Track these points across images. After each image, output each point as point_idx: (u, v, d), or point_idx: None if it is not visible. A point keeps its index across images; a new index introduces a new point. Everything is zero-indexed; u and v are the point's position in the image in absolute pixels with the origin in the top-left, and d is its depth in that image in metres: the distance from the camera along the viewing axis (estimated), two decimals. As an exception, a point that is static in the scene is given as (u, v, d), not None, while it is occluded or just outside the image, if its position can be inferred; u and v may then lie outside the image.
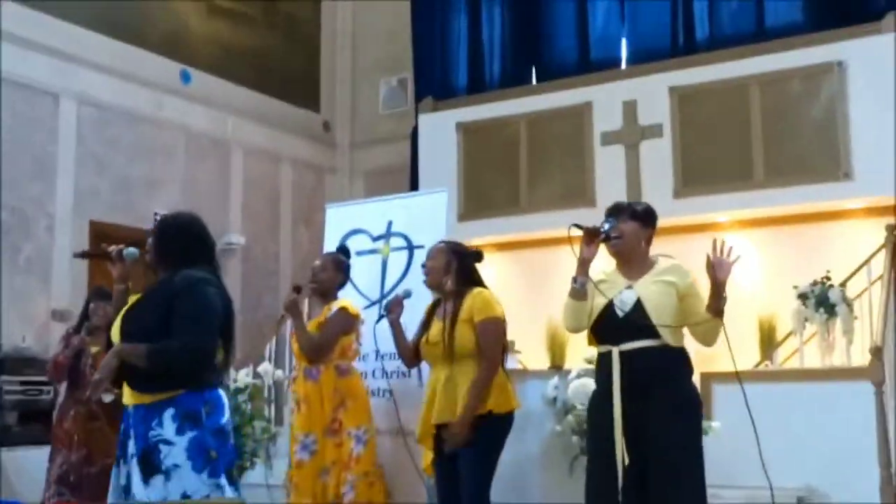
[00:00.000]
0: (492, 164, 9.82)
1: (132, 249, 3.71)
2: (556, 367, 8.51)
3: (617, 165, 9.10)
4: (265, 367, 6.25)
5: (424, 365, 4.71)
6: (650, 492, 3.50)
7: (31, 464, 6.62)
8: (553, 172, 9.50)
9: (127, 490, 3.29)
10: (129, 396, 3.36)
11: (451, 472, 4.20)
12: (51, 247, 8.25)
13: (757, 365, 7.90)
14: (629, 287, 3.65)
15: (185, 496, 3.21)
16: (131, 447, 3.30)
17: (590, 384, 4.95)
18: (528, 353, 8.02)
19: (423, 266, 4.45)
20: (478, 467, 4.13)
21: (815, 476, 6.52)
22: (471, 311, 4.24)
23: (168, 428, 3.25)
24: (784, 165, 8.36)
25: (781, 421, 6.66)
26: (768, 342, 8.17)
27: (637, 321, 3.56)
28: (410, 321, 4.63)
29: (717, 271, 3.53)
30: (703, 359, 3.81)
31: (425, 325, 4.42)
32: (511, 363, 5.77)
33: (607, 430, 3.53)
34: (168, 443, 3.24)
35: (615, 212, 3.77)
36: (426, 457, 4.38)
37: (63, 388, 5.58)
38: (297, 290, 4.84)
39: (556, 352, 9.04)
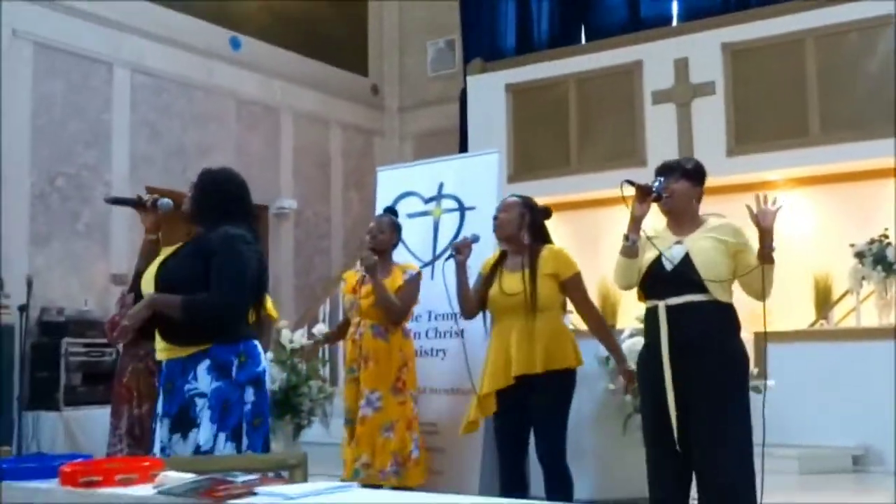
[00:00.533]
0: (541, 125, 9.78)
1: (166, 200, 3.73)
2: (609, 326, 8.52)
3: (668, 124, 9.01)
4: (319, 327, 6.32)
5: (471, 323, 4.72)
6: (695, 448, 3.52)
7: (94, 422, 6.83)
8: (603, 132, 9.44)
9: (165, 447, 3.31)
10: (163, 351, 3.36)
11: (518, 427, 4.21)
12: (108, 213, 8.41)
13: (812, 324, 7.84)
14: (679, 242, 3.64)
15: (196, 448, 3.22)
16: (165, 403, 3.32)
17: (642, 343, 4.96)
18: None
19: (495, 218, 4.39)
20: (558, 421, 4.17)
21: (870, 436, 6.48)
22: (554, 266, 4.24)
23: (203, 381, 3.26)
24: (839, 122, 8.21)
25: (837, 381, 6.63)
26: (824, 301, 8.10)
27: (685, 275, 3.55)
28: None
29: (762, 219, 3.50)
30: (757, 317, 3.78)
31: (489, 277, 4.39)
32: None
33: (658, 385, 3.54)
34: (203, 395, 3.26)
35: (665, 170, 3.73)
36: (477, 411, 4.33)
37: (121, 347, 5.74)
38: (375, 251, 4.82)
39: (608, 311, 9.04)
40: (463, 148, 9.99)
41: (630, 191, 3.59)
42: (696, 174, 3.74)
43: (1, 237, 7.65)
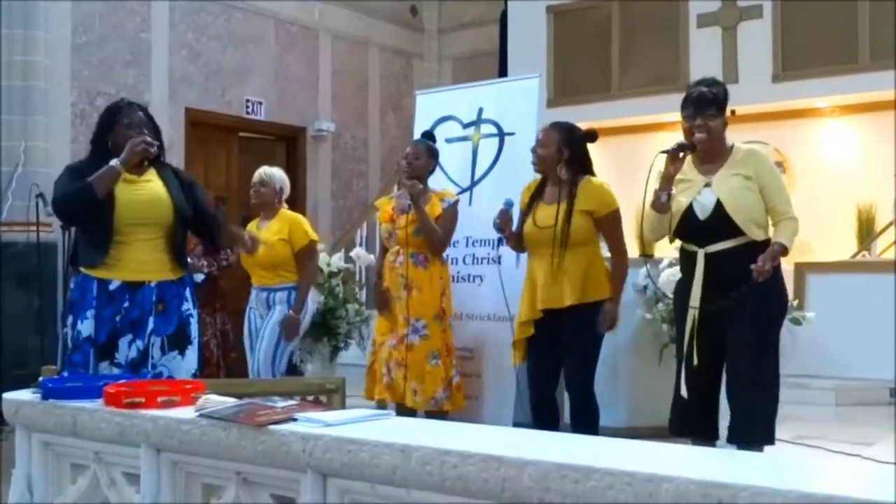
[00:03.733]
0: (582, 49, 9.60)
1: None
2: (647, 255, 8.47)
3: (713, 48, 8.79)
4: (357, 251, 6.35)
5: (508, 250, 4.71)
6: (732, 382, 3.55)
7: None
8: (645, 56, 9.24)
9: (141, 363, 3.41)
10: (156, 272, 3.46)
11: (548, 360, 4.20)
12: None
13: (854, 255, 7.72)
14: (707, 185, 3.57)
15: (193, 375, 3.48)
16: (158, 323, 3.44)
17: (679, 274, 4.93)
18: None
19: (533, 152, 4.28)
20: (588, 353, 4.16)
21: (910, 369, 6.42)
22: (591, 203, 4.15)
23: (190, 302, 3.55)
24: (889, 48, 7.95)
25: (877, 313, 6.56)
26: (866, 232, 7.97)
27: (719, 223, 3.52)
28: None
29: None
30: (798, 248, 3.74)
31: (527, 209, 4.34)
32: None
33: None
34: (192, 317, 3.56)
35: (702, 105, 3.61)
36: (518, 346, 4.35)
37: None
38: (419, 178, 4.78)
39: (649, 239, 8.98)
40: (502, 71, 9.84)
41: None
42: (726, 104, 3.65)
43: (45, 156, 7.71)
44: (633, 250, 8.80)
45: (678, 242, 3.82)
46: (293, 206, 9.83)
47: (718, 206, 3.52)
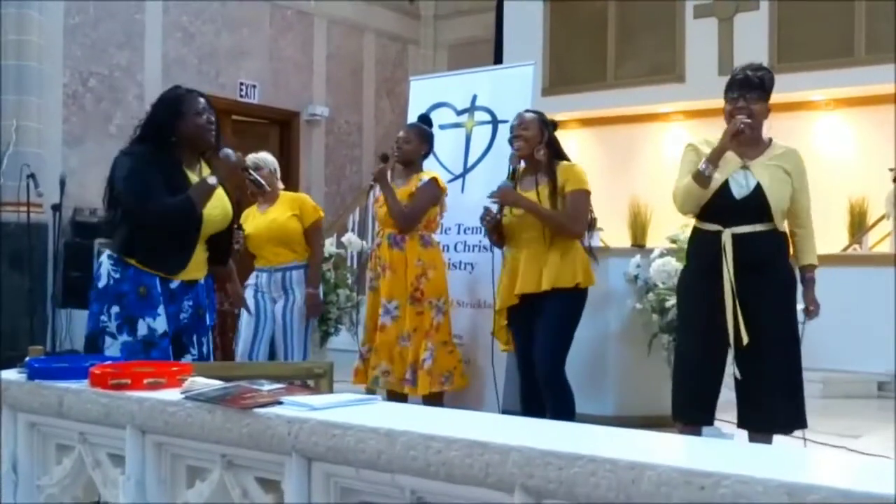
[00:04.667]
0: (578, 37, 9.59)
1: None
2: (638, 245, 8.48)
3: (709, 39, 8.79)
4: (349, 236, 6.35)
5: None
6: (750, 375, 3.54)
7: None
8: (642, 46, 9.24)
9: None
10: (199, 270, 3.48)
11: (530, 345, 4.23)
12: (141, 115, 8.29)
13: (845, 248, 7.74)
14: (744, 167, 3.56)
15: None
16: (205, 318, 3.52)
17: (671, 263, 4.94)
18: (610, 230, 7.99)
19: (516, 137, 4.28)
20: (556, 339, 4.15)
21: (897, 362, 6.45)
22: (563, 181, 4.17)
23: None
24: (886, 42, 7.96)
25: (867, 306, 6.58)
26: (858, 226, 7.99)
27: (754, 205, 3.51)
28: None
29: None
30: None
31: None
32: (593, 241, 5.75)
33: (710, 307, 3.52)
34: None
35: (746, 88, 3.58)
36: (500, 335, 4.38)
37: None
38: (385, 158, 4.84)
39: (638, 230, 8.99)
40: (498, 59, 9.82)
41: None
42: (770, 89, 3.62)
43: (36, 136, 7.68)
44: (624, 240, 8.90)
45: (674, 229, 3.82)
46: (286, 190, 9.83)
47: (758, 188, 3.52)
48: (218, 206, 3.48)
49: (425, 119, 5.11)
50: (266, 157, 5.13)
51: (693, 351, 3.66)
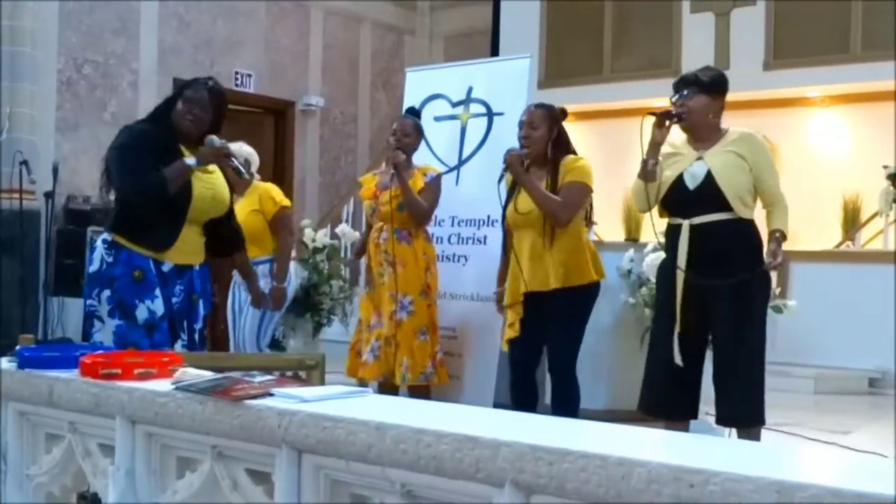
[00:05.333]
0: (575, 30, 9.57)
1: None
2: (632, 239, 8.49)
3: (705, 34, 8.78)
4: (343, 227, 6.33)
5: (494, 230, 4.71)
6: (719, 363, 3.58)
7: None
8: (638, 40, 9.23)
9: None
10: (194, 255, 3.49)
11: (531, 341, 4.19)
12: (135, 103, 8.37)
13: (838, 245, 7.75)
14: (699, 159, 3.62)
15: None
16: (198, 305, 3.51)
17: (663, 256, 4.94)
18: (604, 225, 7.98)
19: (523, 136, 4.19)
20: (572, 335, 4.15)
21: (889, 359, 6.47)
22: (566, 175, 4.12)
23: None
24: (884, 38, 7.95)
25: (859, 303, 6.60)
26: (852, 222, 8.00)
27: (708, 193, 3.55)
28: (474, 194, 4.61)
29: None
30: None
31: (509, 194, 4.31)
32: (589, 236, 5.74)
33: (673, 299, 3.59)
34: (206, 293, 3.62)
35: (682, 85, 3.70)
36: (510, 327, 4.34)
37: None
38: (403, 150, 4.76)
39: (632, 224, 8.99)
40: (494, 51, 9.80)
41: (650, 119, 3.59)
42: (714, 87, 3.69)
43: (30, 123, 7.65)
44: (618, 234, 8.88)
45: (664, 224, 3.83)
46: (280, 180, 9.82)
47: (709, 177, 3.56)
48: (210, 189, 3.47)
49: (414, 112, 5.08)
50: (240, 152, 4.95)
51: (658, 342, 3.71)
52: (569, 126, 4.41)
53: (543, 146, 4.19)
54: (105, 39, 8.30)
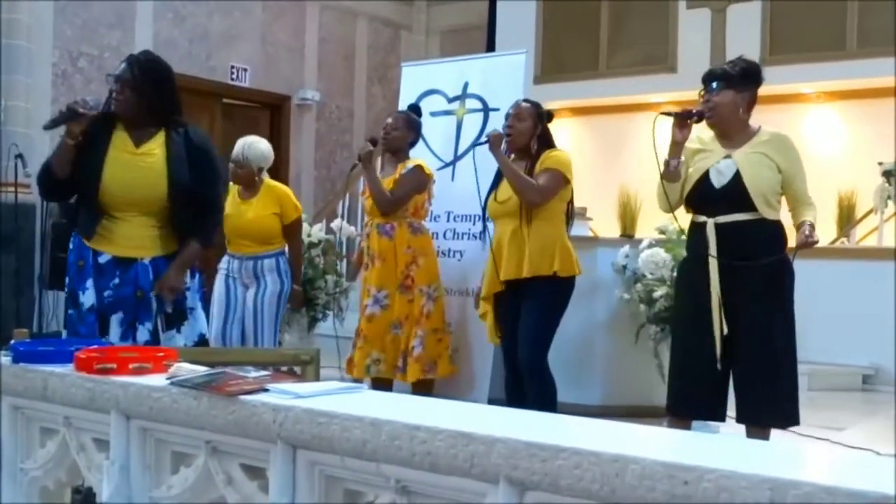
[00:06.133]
0: (571, 26, 9.57)
1: (96, 99, 3.41)
2: (627, 235, 8.49)
3: (701, 30, 8.79)
4: (338, 222, 6.33)
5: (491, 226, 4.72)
6: (742, 364, 3.51)
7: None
8: (634, 36, 9.23)
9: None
10: (148, 249, 3.35)
11: (514, 332, 4.22)
12: (130, 97, 8.34)
13: (833, 242, 7.77)
14: (727, 157, 3.54)
15: (201, 336, 3.48)
16: (147, 301, 3.34)
17: (660, 254, 4.95)
18: (600, 220, 8.00)
19: (508, 126, 4.26)
20: (538, 328, 4.14)
21: (883, 356, 6.49)
22: (544, 165, 4.15)
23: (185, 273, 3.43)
24: (880, 35, 7.97)
25: (853, 299, 6.61)
26: (847, 219, 8.01)
27: (734, 193, 3.48)
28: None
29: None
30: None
31: (494, 184, 4.35)
32: (582, 230, 5.76)
33: (703, 299, 3.50)
34: (188, 288, 3.43)
35: (710, 79, 3.59)
36: (488, 322, 4.37)
37: None
38: (374, 142, 4.84)
39: (628, 220, 9.00)
40: (490, 46, 9.80)
41: (667, 119, 3.51)
42: (743, 80, 3.58)
43: (25, 116, 7.63)
44: (613, 230, 8.90)
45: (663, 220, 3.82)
46: (276, 174, 9.79)
47: (736, 176, 3.49)
48: (136, 168, 3.30)
49: (415, 108, 5.13)
50: (252, 154, 4.90)
51: (684, 343, 3.65)
52: (565, 121, 4.45)
53: (527, 139, 4.24)
54: (100, 33, 8.29)
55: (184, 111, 3.50)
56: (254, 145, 4.94)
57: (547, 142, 4.30)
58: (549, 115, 4.37)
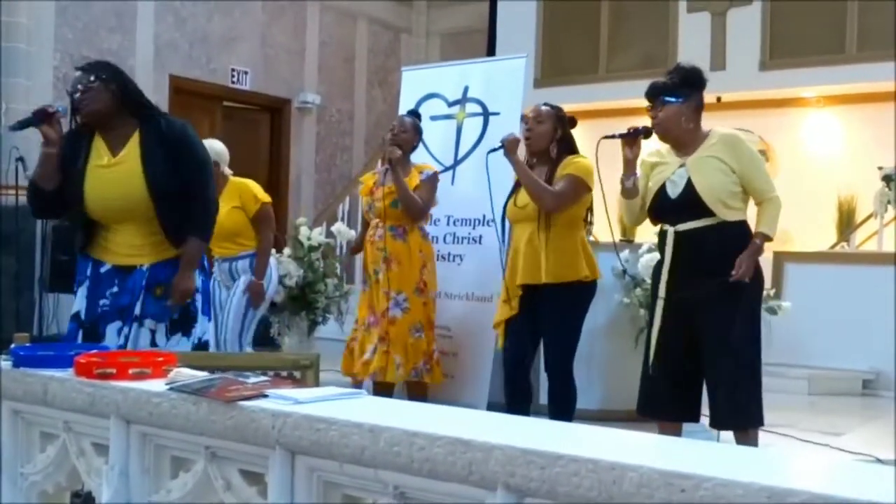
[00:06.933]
0: (571, 29, 9.57)
1: (64, 105, 3.37)
2: (627, 240, 8.49)
3: (701, 34, 8.79)
4: (338, 226, 6.34)
5: (490, 230, 4.74)
6: (707, 369, 3.58)
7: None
8: (634, 39, 9.24)
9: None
10: (148, 256, 3.32)
11: (524, 336, 4.20)
12: (131, 100, 8.35)
13: (833, 246, 7.77)
14: (682, 166, 3.61)
15: (198, 340, 3.44)
16: (151, 307, 3.31)
17: (657, 259, 4.95)
18: (600, 225, 8.00)
19: (527, 129, 4.24)
20: (566, 333, 4.16)
21: (883, 361, 6.49)
22: (565, 170, 4.15)
23: (196, 277, 3.39)
24: (880, 39, 7.97)
25: (853, 304, 6.61)
26: (847, 224, 8.01)
27: (689, 201, 3.55)
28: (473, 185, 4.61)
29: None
30: (777, 237, 3.76)
31: (514, 189, 4.35)
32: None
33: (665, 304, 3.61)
34: (197, 290, 3.40)
35: (652, 94, 3.67)
36: (501, 327, 4.35)
37: None
38: (400, 146, 4.76)
39: (628, 225, 8.99)
40: (491, 49, 9.81)
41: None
42: (684, 89, 3.63)
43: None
44: (615, 233, 8.85)
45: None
46: (276, 177, 9.83)
47: (689, 184, 3.56)
48: (111, 179, 3.27)
49: (416, 113, 5.13)
50: (213, 145, 4.84)
51: (647, 345, 3.72)
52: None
53: (547, 142, 4.22)
54: (101, 36, 8.29)
55: (185, 114, 3.51)
56: (210, 146, 4.89)
57: (569, 147, 4.26)
58: (573, 121, 4.34)
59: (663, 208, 3.64)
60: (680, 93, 3.63)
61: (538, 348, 4.30)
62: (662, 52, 8.99)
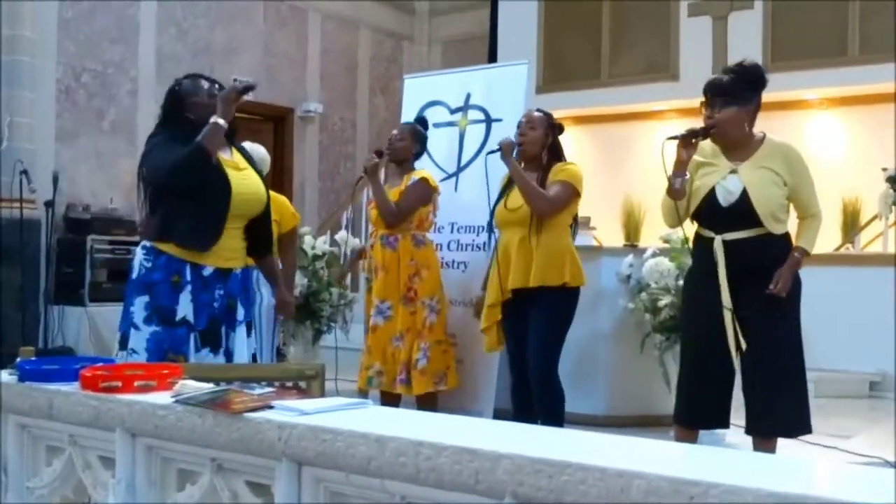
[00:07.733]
0: (573, 35, 9.58)
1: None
2: (632, 244, 8.49)
3: (703, 38, 8.80)
4: (342, 234, 6.33)
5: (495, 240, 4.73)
6: (750, 375, 3.51)
7: (117, 318, 6.90)
8: (636, 44, 9.24)
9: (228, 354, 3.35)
10: (237, 259, 3.41)
11: (522, 341, 4.22)
12: (134, 110, 8.38)
13: (838, 248, 7.76)
14: (733, 171, 3.51)
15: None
16: (241, 312, 3.40)
17: (664, 263, 4.94)
18: (604, 229, 8.00)
19: (521, 134, 4.26)
20: (548, 339, 4.15)
21: (889, 363, 6.47)
22: (556, 177, 4.17)
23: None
24: (881, 41, 7.97)
25: (859, 306, 6.59)
26: (851, 225, 8.01)
27: (742, 211, 3.46)
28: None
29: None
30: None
31: (501, 194, 4.37)
32: (586, 240, 5.75)
33: (710, 311, 3.49)
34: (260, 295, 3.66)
35: (711, 94, 3.54)
36: (489, 332, 4.36)
37: None
38: (379, 154, 4.82)
39: (632, 229, 8.99)
40: (492, 55, 9.82)
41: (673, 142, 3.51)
42: (746, 91, 3.52)
43: (29, 132, 7.65)
44: (617, 239, 8.90)
45: (667, 230, 3.80)
46: (280, 186, 9.81)
47: (744, 195, 3.47)
48: (248, 185, 3.40)
49: (421, 120, 5.13)
50: (257, 149, 4.94)
51: (692, 355, 3.64)
52: (567, 130, 4.45)
53: (539, 148, 4.26)
54: (103, 48, 8.31)
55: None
56: (254, 150, 4.92)
57: (557, 154, 4.31)
58: (560, 128, 4.39)
59: (713, 214, 3.52)
60: (742, 95, 3.53)
61: None
62: (664, 57, 9.00)
